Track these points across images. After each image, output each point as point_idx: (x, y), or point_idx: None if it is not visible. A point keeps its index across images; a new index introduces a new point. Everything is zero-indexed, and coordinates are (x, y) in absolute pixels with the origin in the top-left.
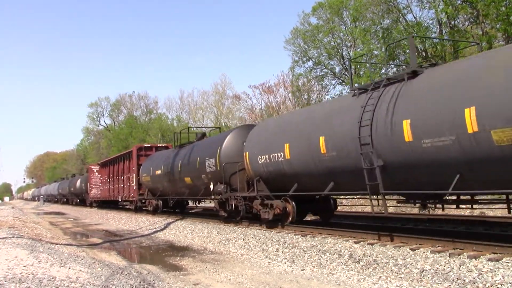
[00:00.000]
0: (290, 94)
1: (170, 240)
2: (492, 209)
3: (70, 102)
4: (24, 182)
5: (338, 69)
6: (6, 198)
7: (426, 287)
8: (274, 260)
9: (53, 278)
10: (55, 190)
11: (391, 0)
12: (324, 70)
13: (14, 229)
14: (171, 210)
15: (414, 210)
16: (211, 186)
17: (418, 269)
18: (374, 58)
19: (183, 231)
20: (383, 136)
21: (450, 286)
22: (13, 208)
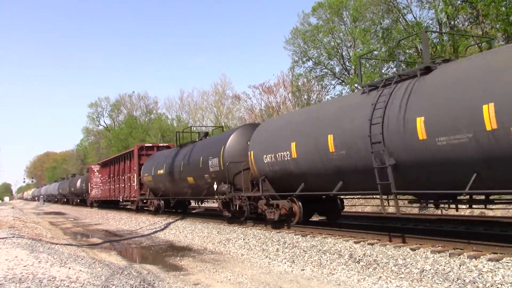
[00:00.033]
0: (290, 94)
1: (170, 240)
2: (492, 209)
3: (70, 102)
4: (24, 182)
5: (338, 69)
6: (6, 198)
7: (426, 287)
8: (274, 260)
9: (53, 278)
10: (55, 190)
11: (391, 0)
12: (324, 70)
13: (14, 229)
14: (173, 210)
15: (414, 210)
16: (215, 186)
17: (418, 269)
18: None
19: (183, 231)
20: (395, 134)
21: (450, 286)
22: (13, 208)
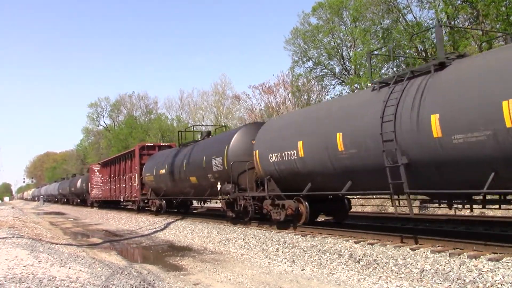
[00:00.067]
0: (290, 94)
1: (170, 240)
2: (492, 209)
3: (70, 102)
4: (24, 182)
5: (338, 69)
6: (6, 198)
7: (426, 287)
8: (274, 260)
9: (53, 278)
10: (56, 190)
11: (391, 0)
12: (324, 70)
13: (14, 229)
14: (175, 211)
15: (414, 210)
16: (218, 186)
17: (418, 269)
18: (374, 59)
19: (183, 231)
20: (408, 132)
21: (450, 286)
22: (13, 208)
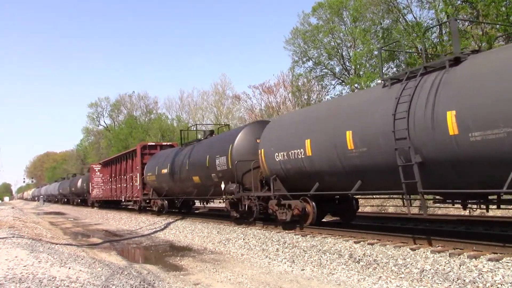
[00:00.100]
0: (290, 94)
1: (170, 240)
2: (492, 209)
3: (70, 102)
4: (24, 182)
5: (338, 69)
6: (6, 198)
7: (426, 287)
8: (274, 260)
9: (53, 278)
10: (56, 190)
11: (391, 0)
12: (324, 70)
13: (14, 229)
14: (176, 211)
15: (414, 210)
16: (222, 186)
17: (418, 269)
18: (374, 59)
19: (183, 231)
20: (423, 129)
21: (450, 286)
22: (13, 208)
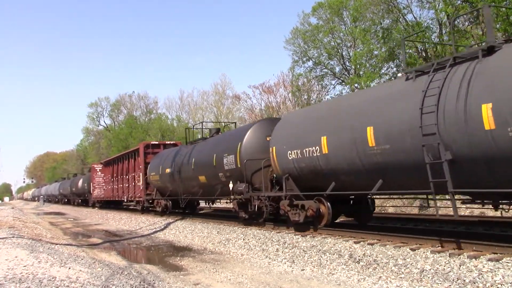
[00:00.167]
0: (290, 94)
1: (170, 240)
2: (492, 209)
3: (70, 102)
4: (24, 182)
5: (338, 69)
6: (6, 198)
7: (426, 287)
8: (274, 260)
9: (53, 278)
10: (56, 190)
11: (391, 0)
12: (324, 70)
13: (14, 229)
14: (181, 211)
15: (414, 210)
16: (230, 185)
17: (418, 269)
18: (374, 58)
19: (183, 231)
20: (453, 124)
21: (450, 286)
22: (13, 208)
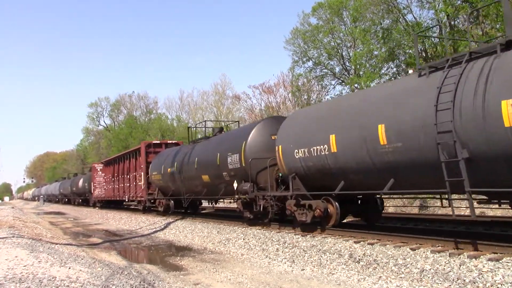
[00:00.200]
0: (290, 94)
1: (170, 240)
2: (492, 209)
3: (70, 102)
4: (24, 182)
5: (338, 69)
6: (6, 198)
7: (426, 287)
8: (274, 260)
9: (53, 278)
10: (56, 190)
11: (391, 0)
12: (324, 70)
13: (14, 229)
14: (183, 211)
15: (414, 210)
16: (235, 185)
17: (418, 269)
18: (374, 59)
19: (183, 231)
20: (471, 121)
21: (450, 286)
22: (13, 208)
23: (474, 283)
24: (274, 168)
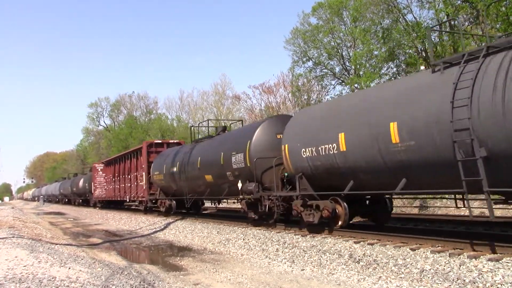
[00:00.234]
0: (290, 94)
1: (170, 240)
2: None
3: (70, 102)
4: (24, 182)
5: (338, 69)
6: (6, 198)
7: (426, 287)
8: (274, 260)
9: (53, 278)
10: (57, 190)
11: (391, 0)
12: (324, 70)
13: (14, 229)
14: (185, 211)
15: (414, 210)
16: (239, 185)
17: (418, 269)
18: (374, 59)
19: (183, 231)
20: (489, 118)
21: (450, 286)
22: (13, 208)
23: (474, 283)
24: (279, 167)
